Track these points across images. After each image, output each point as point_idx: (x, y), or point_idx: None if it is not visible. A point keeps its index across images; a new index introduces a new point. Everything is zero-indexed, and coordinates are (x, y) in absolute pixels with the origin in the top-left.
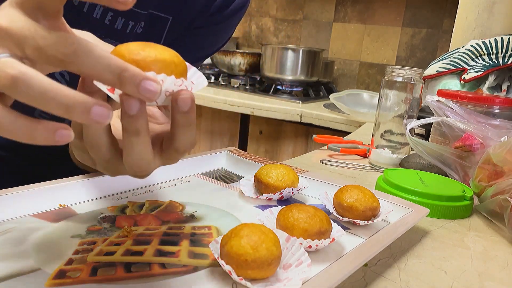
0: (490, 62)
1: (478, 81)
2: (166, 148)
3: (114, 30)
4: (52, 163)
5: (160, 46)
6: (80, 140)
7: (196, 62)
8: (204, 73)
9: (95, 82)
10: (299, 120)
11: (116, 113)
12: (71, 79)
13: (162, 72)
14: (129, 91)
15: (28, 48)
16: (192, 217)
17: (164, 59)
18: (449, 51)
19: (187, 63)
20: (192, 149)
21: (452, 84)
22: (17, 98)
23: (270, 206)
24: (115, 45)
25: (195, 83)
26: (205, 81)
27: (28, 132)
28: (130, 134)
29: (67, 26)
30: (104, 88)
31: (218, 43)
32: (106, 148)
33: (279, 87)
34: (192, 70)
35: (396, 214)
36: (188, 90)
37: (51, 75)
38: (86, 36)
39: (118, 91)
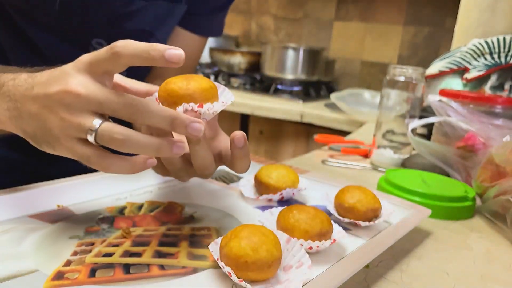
0: (493, 61)
1: (480, 81)
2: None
3: None
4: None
5: (197, 76)
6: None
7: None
8: (203, 73)
9: None
10: (299, 120)
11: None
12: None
13: (205, 96)
14: (180, 132)
15: (105, 110)
16: (191, 218)
17: (205, 87)
18: (451, 50)
19: (215, 83)
20: (246, 171)
21: (454, 83)
22: (122, 151)
23: (270, 207)
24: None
25: (225, 101)
26: (232, 97)
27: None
28: (194, 144)
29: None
30: None
31: None
32: (178, 160)
33: (279, 86)
34: (221, 89)
35: (398, 215)
36: (240, 131)
37: None
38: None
39: None
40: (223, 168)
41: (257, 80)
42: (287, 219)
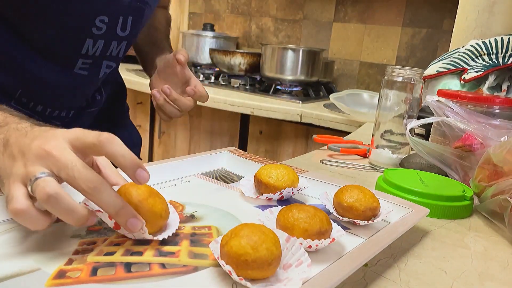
0: (490, 62)
1: (478, 81)
2: None
3: None
4: None
5: (159, 198)
6: None
7: None
8: (204, 73)
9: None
10: (299, 120)
11: None
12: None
13: (148, 218)
14: (119, 222)
15: (64, 174)
16: (192, 217)
17: (155, 212)
18: (449, 51)
19: (171, 210)
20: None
21: (452, 84)
22: (46, 208)
23: (270, 206)
24: None
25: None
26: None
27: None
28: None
29: (93, 158)
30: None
31: None
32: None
33: (279, 87)
34: (172, 227)
35: (396, 214)
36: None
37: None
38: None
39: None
40: (223, 167)
41: (257, 80)
42: (286, 218)
